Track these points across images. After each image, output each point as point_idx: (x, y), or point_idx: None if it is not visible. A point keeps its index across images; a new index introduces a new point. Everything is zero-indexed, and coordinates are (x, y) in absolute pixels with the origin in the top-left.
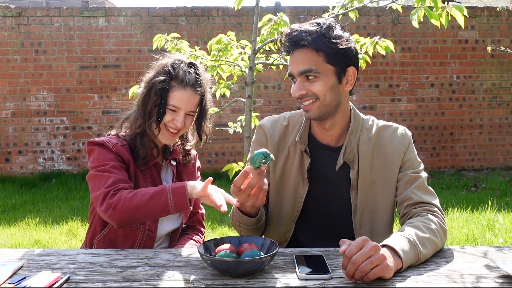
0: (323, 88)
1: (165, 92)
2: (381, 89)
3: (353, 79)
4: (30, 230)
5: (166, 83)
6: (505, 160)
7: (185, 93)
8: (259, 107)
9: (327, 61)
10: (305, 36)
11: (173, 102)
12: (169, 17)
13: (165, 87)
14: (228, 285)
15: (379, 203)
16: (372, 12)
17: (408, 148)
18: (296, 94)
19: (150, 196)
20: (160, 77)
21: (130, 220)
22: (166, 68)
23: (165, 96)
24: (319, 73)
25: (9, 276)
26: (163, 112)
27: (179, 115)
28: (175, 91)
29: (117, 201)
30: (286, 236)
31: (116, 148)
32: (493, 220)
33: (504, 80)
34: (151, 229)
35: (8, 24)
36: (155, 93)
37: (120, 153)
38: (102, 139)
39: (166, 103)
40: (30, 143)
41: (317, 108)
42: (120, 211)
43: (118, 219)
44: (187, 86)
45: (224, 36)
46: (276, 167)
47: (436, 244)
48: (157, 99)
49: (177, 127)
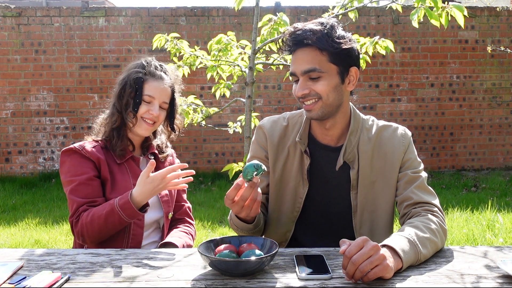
0: (327, 88)
1: (140, 83)
2: (381, 89)
3: (355, 79)
4: (30, 230)
5: (141, 75)
6: (505, 160)
7: (158, 84)
8: (259, 107)
9: (331, 60)
10: (309, 35)
11: (148, 92)
12: (169, 17)
13: (140, 78)
14: (228, 285)
15: (379, 203)
16: (372, 12)
17: (408, 148)
18: (298, 93)
19: (105, 217)
20: (134, 71)
21: (101, 238)
22: (139, 64)
23: (140, 87)
24: (322, 72)
25: (9, 276)
26: (139, 102)
27: (154, 105)
28: (149, 82)
29: (80, 229)
30: (286, 236)
31: (84, 151)
32: (493, 220)
33: (504, 80)
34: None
35: (8, 24)
36: (130, 86)
37: (89, 155)
38: (73, 145)
39: (141, 93)
40: (30, 143)
41: (319, 108)
42: (88, 236)
43: (92, 242)
44: (159, 79)
45: (224, 36)
46: (276, 167)
47: (436, 244)
48: (132, 91)
49: (153, 115)
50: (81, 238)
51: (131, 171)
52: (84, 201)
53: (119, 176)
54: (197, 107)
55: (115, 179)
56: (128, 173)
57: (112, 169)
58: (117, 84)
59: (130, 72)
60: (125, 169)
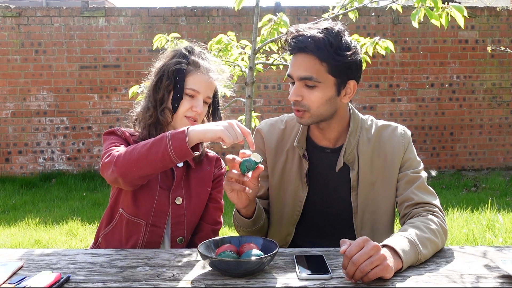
0: (319, 100)
1: (181, 75)
2: (381, 89)
3: (352, 92)
4: (30, 230)
5: (184, 65)
6: (505, 160)
7: (204, 77)
8: (259, 107)
9: (329, 72)
10: (311, 43)
11: (192, 86)
12: (169, 17)
13: (182, 69)
14: (228, 285)
15: (379, 204)
16: (372, 12)
17: (408, 147)
18: (292, 98)
19: (150, 145)
20: (174, 61)
21: (131, 172)
22: (180, 52)
23: (181, 80)
24: (319, 82)
25: (9, 276)
26: (180, 97)
27: (198, 100)
28: (193, 74)
29: (118, 156)
30: (286, 239)
31: (124, 135)
32: (493, 220)
33: (504, 80)
34: (155, 224)
35: (8, 24)
36: (168, 78)
37: (128, 139)
38: (114, 128)
39: (183, 87)
40: (30, 143)
41: (308, 118)
42: (121, 164)
43: (119, 172)
44: (204, 70)
45: (224, 36)
46: (275, 171)
47: (436, 244)
48: (170, 84)
49: (198, 112)
50: (113, 168)
51: (163, 172)
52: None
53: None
54: None
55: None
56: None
57: None
58: (153, 73)
59: (168, 61)
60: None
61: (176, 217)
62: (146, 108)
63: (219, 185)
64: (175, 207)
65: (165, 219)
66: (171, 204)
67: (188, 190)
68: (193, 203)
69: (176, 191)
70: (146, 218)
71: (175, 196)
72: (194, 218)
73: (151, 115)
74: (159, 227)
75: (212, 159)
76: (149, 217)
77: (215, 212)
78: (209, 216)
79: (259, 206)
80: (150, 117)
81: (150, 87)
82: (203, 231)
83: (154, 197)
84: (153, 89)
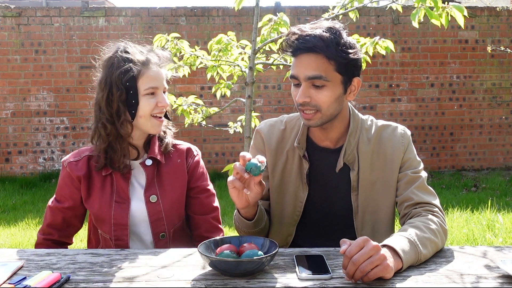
0: (329, 99)
1: (132, 80)
2: (381, 89)
3: (356, 89)
4: (30, 230)
5: (133, 69)
6: (505, 160)
7: (156, 70)
8: (259, 107)
9: (337, 70)
10: (319, 42)
11: (149, 85)
12: (169, 17)
13: (132, 74)
14: (228, 285)
15: (380, 204)
16: (372, 12)
17: (408, 147)
18: (299, 100)
19: None
20: (121, 69)
21: None
22: (118, 57)
23: (133, 84)
24: (327, 81)
25: (9, 276)
26: (136, 103)
27: (160, 94)
28: (145, 73)
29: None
30: (287, 240)
31: (69, 166)
32: (493, 220)
33: (504, 80)
34: (119, 237)
35: (8, 24)
36: (118, 88)
37: (72, 171)
38: (65, 157)
39: (136, 92)
40: (30, 143)
41: (318, 119)
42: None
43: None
44: (154, 65)
45: (224, 36)
46: (275, 172)
47: (436, 244)
48: (122, 94)
49: (165, 105)
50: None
51: (117, 184)
52: (48, 225)
53: (96, 191)
54: (197, 107)
55: (92, 195)
56: (109, 188)
57: (92, 183)
58: (98, 88)
59: (109, 70)
60: (107, 183)
61: (154, 214)
62: (101, 126)
63: (199, 173)
64: (151, 206)
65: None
66: (146, 203)
67: (161, 185)
68: (168, 198)
69: (149, 189)
70: (110, 234)
71: (148, 195)
72: (173, 212)
73: (109, 132)
74: (122, 239)
75: (182, 151)
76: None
77: (208, 200)
78: (205, 206)
79: (261, 208)
80: (109, 135)
81: (99, 102)
82: (205, 224)
83: (110, 214)
84: (105, 103)
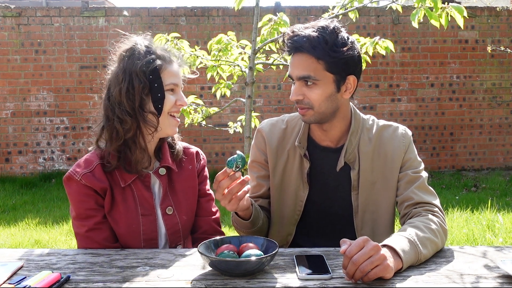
0: (320, 97)
1: (156, 73)
2: (381, 89)
3: (352, 87)
4: (30, 230)
5: (156, 62)
6: (505, 160)
7: (176, 67)
8: (259, 107)
9: (327, 69)
10: (305, 42)
11: (170, 81)
12: (169, 17)
13: (155, 67)
14: (228, 285)
15: (380, 203)
16: (372, 12)
17: (409, 147)
18: (292, 98)
19: None
20: (144, 60)
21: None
22: (141, 49)
23: (157, 77)
24: (317, 80)
25: (9, 276)
26: (162, 96)
27: (179, 92)
28: (167, 69)
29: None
30: (287, 239)
31: (84, 179)
32: (493, 220)
33: (504, 80)
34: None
35: (8, 24)
36: (140, 80)
37: (90, 183)
38: (71, 170)
39: (161, 85)
40: (30, 143)
41: (312, 115)
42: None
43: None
44: (176, 61)
45: (224, 36)
46: (276, 171)
47: (436, 244)
48: (145, 86)
49: (183, 104)
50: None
51: (138, 193)
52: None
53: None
54: (197, 107)
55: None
56: (132, 199)
57: (116, 196)
58: (114, 80)
59: (131, 62)
60: (129, 194)
61: (171, 227)
62: (117, 121)
63: (203, 177)
64: (168, 218)
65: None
66: (163, 215)
67: (175, 195)
68: (184, 208)
69: (165, 201)
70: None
71: (165, 206)
72: (188, 222)
73: (129, 128)
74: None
75: (192, 156)
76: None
77: (208, 204)
78: (204, 210)
79: (256, 207)
80: (129, 131)
81: (117, 96)
82: (205, 225)
83: (139, 230)
84: (125, 95)
